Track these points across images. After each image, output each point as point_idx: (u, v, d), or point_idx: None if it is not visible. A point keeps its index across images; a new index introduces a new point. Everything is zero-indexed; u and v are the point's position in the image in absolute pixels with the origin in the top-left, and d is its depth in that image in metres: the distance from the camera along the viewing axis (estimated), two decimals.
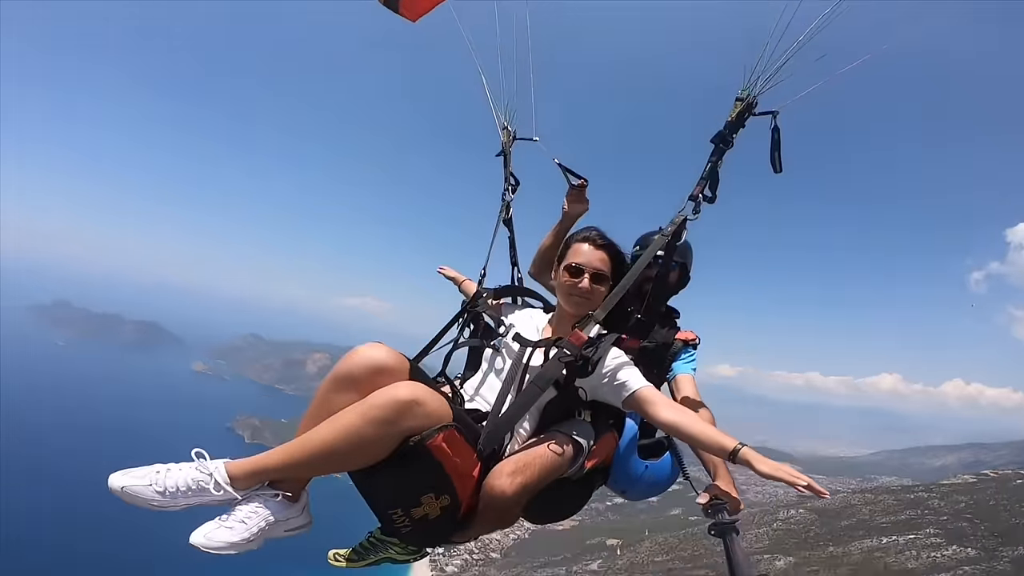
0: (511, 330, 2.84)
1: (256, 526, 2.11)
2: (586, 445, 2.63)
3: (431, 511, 2.19)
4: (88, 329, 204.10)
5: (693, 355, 3.44)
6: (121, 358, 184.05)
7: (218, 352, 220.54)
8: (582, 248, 2.77)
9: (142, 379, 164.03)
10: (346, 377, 2.21)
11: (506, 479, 2.23)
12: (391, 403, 2.03)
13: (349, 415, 2.07)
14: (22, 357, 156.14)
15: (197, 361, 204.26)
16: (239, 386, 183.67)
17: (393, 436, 2.07)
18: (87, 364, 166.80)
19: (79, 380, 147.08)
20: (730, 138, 2.78)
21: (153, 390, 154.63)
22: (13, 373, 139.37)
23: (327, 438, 2.08)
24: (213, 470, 2.10)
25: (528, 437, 2.60)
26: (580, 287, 2.67)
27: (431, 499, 2.17)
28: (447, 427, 2.12)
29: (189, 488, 2.06)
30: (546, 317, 3.00)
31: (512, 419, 2.39)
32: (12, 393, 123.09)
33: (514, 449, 2.50)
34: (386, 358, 2.23)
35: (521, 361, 2.60)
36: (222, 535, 2.04)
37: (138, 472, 2.08)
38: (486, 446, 2.29)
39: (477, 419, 2.46)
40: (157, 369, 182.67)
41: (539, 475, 2.32)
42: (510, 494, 2.21)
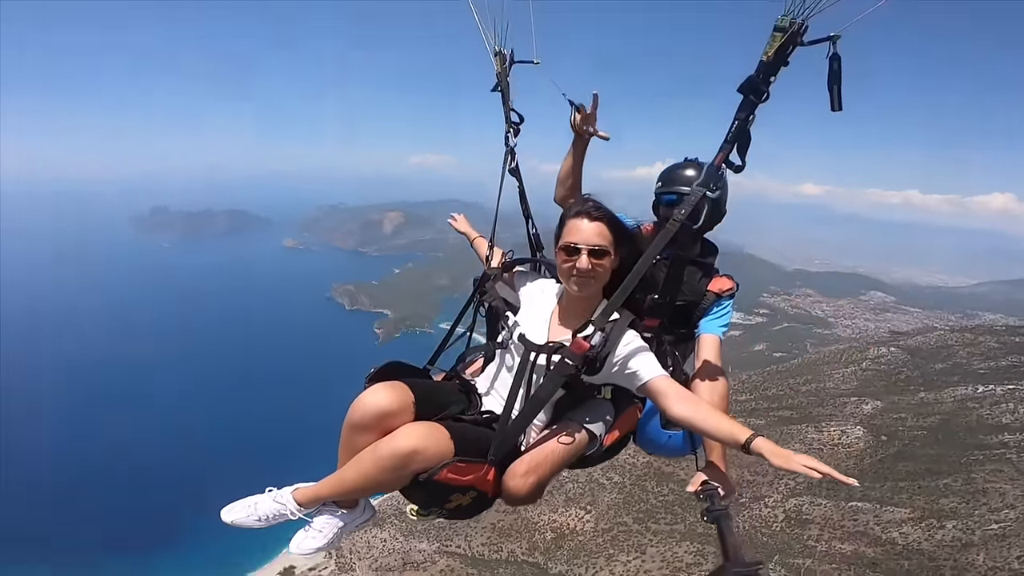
0: (516, 329, 2.76)
1: (331, 532, 2.69)
2: (600, 432, 2.76)
3: (462, 502, 2.49)
4: (186, 228, 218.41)
5: (726, 309, 3.19)
6: (220, 248, 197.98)
7: (302, 226, 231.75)
8: (576, 225, 2.60)
9: (243, 263, 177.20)
10: (358, 425, 2.45)
11: (520, 480, 2.48)
12: (395, 456, 2.27)
13: (366, 463, 2.37)
14: (136, 263, 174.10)
15: (287, 238, 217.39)
16: (328, 255, 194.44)
17: (404, 477, 2.34)
18: (194, 259, 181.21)
19: (190, 275, 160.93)
20: (764, 86, 2.25)
21: (256, 273, 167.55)
22: (131, 277, 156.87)
23: (355, 480, 2.44)
24: (286, 501, 2.64)
25: (543, 428, 2.73)
26: (579, 267, 2.54)
27: (459, 496, 2.45)
28: (449, 464, 2.33)
29: (276, 514, 2.66)
30: (556, 299, 2.84)
31: (521, 426, 2.54)
32: (136, 296, 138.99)
33: (529, 442, 2.66)
34: (388, 404, 2.43)
35: (527, 364, 2.61)
36: (308, 543, 2.65)
37: (238, 508, 2.68)
38: (497, 454, 2.48)
39: (491, 420, 2.65)
40: (254, 251, 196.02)
41: (552, 470, 2.56)
42: (524, 493, 2.48)
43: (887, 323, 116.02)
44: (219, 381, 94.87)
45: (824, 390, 57.90)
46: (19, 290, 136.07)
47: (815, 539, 37.20)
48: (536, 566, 40.97)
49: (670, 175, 3.21)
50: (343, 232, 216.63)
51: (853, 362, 62.32)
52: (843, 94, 2.21)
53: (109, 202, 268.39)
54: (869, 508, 37.94)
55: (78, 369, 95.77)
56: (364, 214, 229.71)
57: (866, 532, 36.46)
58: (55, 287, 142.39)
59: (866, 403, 50.75)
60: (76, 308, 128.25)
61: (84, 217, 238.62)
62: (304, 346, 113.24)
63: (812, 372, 63.23)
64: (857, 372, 60.00)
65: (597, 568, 39.54)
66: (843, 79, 2.19)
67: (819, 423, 48.95)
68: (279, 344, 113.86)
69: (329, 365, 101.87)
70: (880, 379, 57.66)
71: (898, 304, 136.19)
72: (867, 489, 39.70)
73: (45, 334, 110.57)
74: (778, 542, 37.65)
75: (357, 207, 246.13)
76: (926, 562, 33.20)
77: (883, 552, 34.85)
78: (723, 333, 3.14)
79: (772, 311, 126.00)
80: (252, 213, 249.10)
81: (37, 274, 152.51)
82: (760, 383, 64.06)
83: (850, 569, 34.28)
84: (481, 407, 2.80)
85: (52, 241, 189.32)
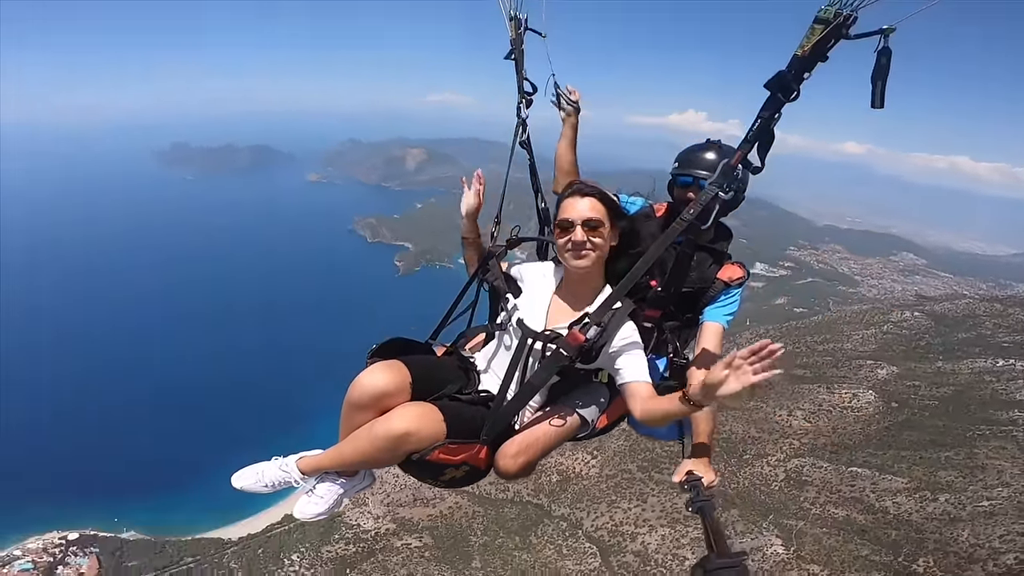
0: (515, 313, 2.78)
1: (331, 498, 2.86)
2: (591, 417, 2.81)
3: (456, 475, 2.58)
4: (209, 163, 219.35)
5: (734, 297, 3.15)
6: (244, 182, 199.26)
7: (325, 160, 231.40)
8: (569, 202, 2.66)
9: (267, 196, 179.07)
10: (357, 404, 2.53)
11: (510, 460, 2.56)
12: (389, 437, 2.37)
13: (363, 440, 2.47)
14: (159, 194, 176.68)
15: (310, 172, 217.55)
16: (351, 189, 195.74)
17: (398, 456, 2.45)
18: (217, 192, 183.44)
19: (214, 207, 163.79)
20: (796, 84, 2.08)
21: (279, 205, 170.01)
22: (154, 207, 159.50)
23: (352, 456, 2.57)
24: (291, 470, 2.81)
25: (537, 409, 2.81)
26: (574, 239, 2.57)
27: (452, 471, 2.54)
28: (440, 445, 2.42)
29: (281, 481, 2.83)
30: (556, 283, 2.85)
31: (514, 410, 2.61)
32: (160, 225, 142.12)
33: (523, 421, 2.75)
34: (385, 384, 2.50)
35: (523, 349, 2.65)
36: (311, 508, 2.82)
37: (246, 475, 2.84)
38: (490, 435, 2.55)
39: (487, 399, 2.71)
40: (278, 185, 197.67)
41: (542, 452, 2.64)
42: (513, 472, 2.56)
43: (915, 286, 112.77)
44: (241, 310, 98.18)
45: (841, 351, 57.18)
46: (46, 223, 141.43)
47: (811, 502, 37.89)
48: (540, 507, 42.82)
49: (688, 157, 3.13)
50: (366, 167, 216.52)
51: (874, 324, 61.12)
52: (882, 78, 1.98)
53: (130, 139, 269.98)
54: (868, 475, 38.37)
55: (100, 300, 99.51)
56: (387, 150, 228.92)
57: (861, 499, 36.99)
58: (79, 216, 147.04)
59: (882, 368, 50.17)
60: (99, 239, 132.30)
61: (108, 152, 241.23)
62: (325, 276, 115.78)
63: (831, 331, 62.27)
64: (877, 335, 58.91)
65: (598, 513, 41.17)
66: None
67: (831, 384, 48.66)
68: (301, 273, 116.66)
69: (351, 295, 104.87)
70: (900, 344, 56.53)
71: (929, 267, 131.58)
72: (869, 456, 40.00)
73: (71, 267, 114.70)
74: (775, 502, 38.53)
75: (380, 143, 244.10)
76: (912, 534, 33.65)
77: (873, 520, 35.38)
78: (727, 322, 3.11)
79: (797, 265, 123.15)
80: (275, 148, 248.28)
81: (62, 209, 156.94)
82: (776, 338, 60.94)
83: (839, 534, 34.99)
84: (479, 385, 2.87)
85: (77, 173, 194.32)
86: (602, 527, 40.35)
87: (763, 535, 36.01)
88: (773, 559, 34.47)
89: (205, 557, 43.79)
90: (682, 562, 35.94)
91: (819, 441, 42.68)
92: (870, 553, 33.27)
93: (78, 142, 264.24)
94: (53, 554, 43.62)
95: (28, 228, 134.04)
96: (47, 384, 70.93)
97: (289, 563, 40.88)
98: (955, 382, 46.32)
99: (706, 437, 2.88)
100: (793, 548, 34.78)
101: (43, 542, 44.87)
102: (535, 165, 3.55)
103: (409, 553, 40.19)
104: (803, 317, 78.96)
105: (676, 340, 3.25)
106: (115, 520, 48.06)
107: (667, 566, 36.70)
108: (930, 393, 45.59)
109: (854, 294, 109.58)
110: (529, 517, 42.20)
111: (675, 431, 3.26)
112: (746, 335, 65.28)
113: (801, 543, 34.98)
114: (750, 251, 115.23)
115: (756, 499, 38.81)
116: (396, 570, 38.99)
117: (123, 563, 43.25)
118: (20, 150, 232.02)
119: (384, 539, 41.22)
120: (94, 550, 44.23)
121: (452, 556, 40.00)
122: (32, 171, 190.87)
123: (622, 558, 38.12)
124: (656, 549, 37.74)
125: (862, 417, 44.22)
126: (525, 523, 41.94)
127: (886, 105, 2.03)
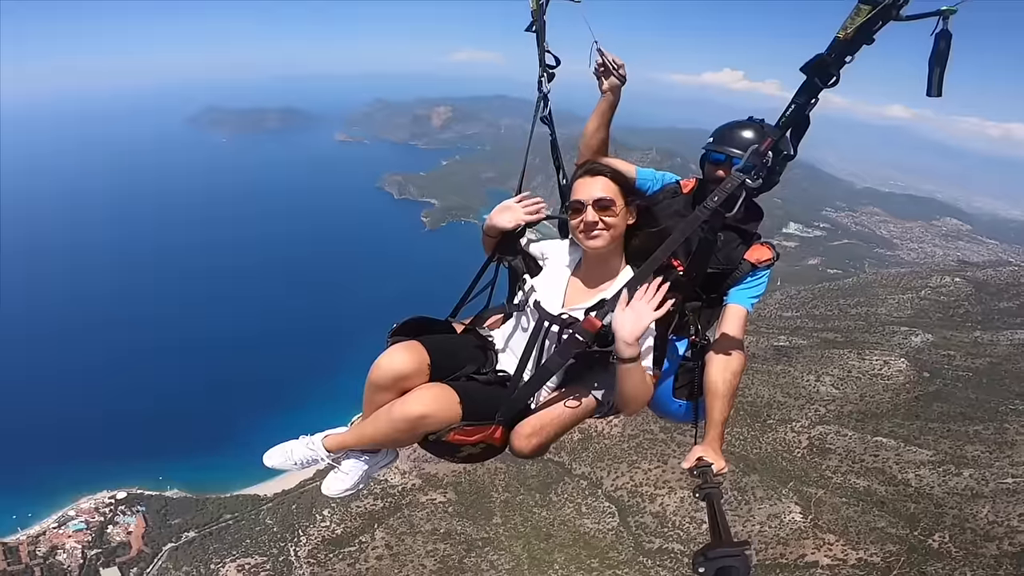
0: (532, 295, 2.81)
1: (356, 475, 2.92)
2: (607, 399, 2.79)
3: (473, 452, 2.66)
4: (241, 125, 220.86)
5: (762, 280, 3.06)
6: (275, 143, 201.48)
7: (353, 121, 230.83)
8: (579, 184, 2.67)
9: (298, 156, 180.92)
10: (377, 386, 2.63)
11: (524, 440, 2.58)
12: (406, 419, 2.46)
13: (382, 421, 2.58)
14: (195, 156, 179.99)
15: (338, 132, 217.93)
16: (379, 148, 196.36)
17: (415, 436, 2.56)
18: (252, 153, 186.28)
19: (251, 167, 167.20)
20: (836, 69, 1.87)
21: (311, 163, 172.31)
22: (191, 168, 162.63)
23: (373, 435, 2.70)
24: (317, 448, 2.91)
25: (554, 389, 2.80)
26: (586, 220, 2.58)
27: (469, 447, 2.61)
28: (455, 427, 2.48)
29: (309, 459, 2.93)
30: (575, 264, 2.87)
31: (530, 392, 2.65)
32: (196, 187, 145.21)
33: (539, 400, 2.75)
34: (403, 366, 2.59)
35: (540, 332, 2.69)
36: (337, 485, 2.90)
37: (276, 455, 2.97)
38: (505, 416, 2.59)
39: (504, 380, 2.76)
40: (308, 145, 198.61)
41: (556, 433, 2.65)
42: (528, 452, 2.59)
43: (957, 251, 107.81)
44: (275, 267, 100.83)
45: (874, 315, 55.80)
46: (88, 187, 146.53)
47: (833, 470, 37.73)
48: (561, 465, 43.57)
49: (724, 133, 3.01)
50: (393, 126, 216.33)
51: (912, 289, 59.17)
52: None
53: (162, 106, 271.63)
54: (893, 446, 37.85)
55: (143, 262, 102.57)
56: (413, 108, 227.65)
57: (883, 470, 36.63)
58: (122, 179, 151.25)
59: (916, 334, 48.70)
60: (142, 198, 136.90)
61: (143, 118, 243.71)
62: (356, 233, 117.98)
63: (865, 294, 60.69)
64: (913, 300, 57.12)
65: (619, 473, 41.76)
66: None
67: (863, 350, 47.49)
68: (332, 230, 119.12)
69: (382, 250, 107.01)
70: (937, 310, 54.80)
71: (973, 233, 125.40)
72: (895, 426, 39.37)
73: (114, 229, 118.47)
74: (796, 469, 38.47)
75: (406, 102, 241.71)
76: (932, 508, 33.32)
77: (894, 492, 35.09)
78: (752, 305, 3.04)
79: (833, 226, 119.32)
80: (303, 110, 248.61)
81: (103, 174, 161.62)
82: (808, 300, 61.90)
83: (858, 505, 34.87)
84: (496, 364, 2.91)
85: (117, 139, 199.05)
86: (622, 487, 40.94)
87: (782, 502, 36.18)
88: (790, 526, 34.75)
89: (243, 513, 46.27)
90: (699, 525, 36.34)
91: (845, 408, 42.09)
92: (887, 525, 33.24)
93: (111, 110, 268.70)
94: (104, 513, 46.36)
95: (71, 192, 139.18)
96: (96, 349, 73.88)
97: (320, 518, 42.81)
98: (992, 353, 44.82)
99: (719, 423, 2.83)
100: (811, 516, 34.93)
101: (95, 502, 47.62)
102: (557, 141, 3.47)
103: (433, 508, 41.72)
104: (837, 279, 76.61)
105: (698, 321, 3.16)
106: (159, 478, 50.76)
107: (684, 529, 37.33)
108: (965, 364, 44.26)
109: (892, 257, 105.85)
110: (550, 475, 42.96)
111: (690, 414, 3.17)
112: (776, 295, 64.12)
113: (819, 512, 35.09)
114: (783, 211, 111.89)
115: (777, 465, 38.80)
116: (421, 524, 40.62)
117: (167, 521, 45.91)
118: (51, 121, 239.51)
119: (410, 494, 42.76)
120: (141, 508, 46.93)
121: (474, 512, 41.39)
122: (68, 140, 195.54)
123: (640, 519, 38.82)
124: (675, 511, 38.31)
125: (892, 386, 43.23)
126: (546, 480, 42.77)
127: None
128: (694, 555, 1.82)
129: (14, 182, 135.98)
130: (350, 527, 41.36)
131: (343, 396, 51.62)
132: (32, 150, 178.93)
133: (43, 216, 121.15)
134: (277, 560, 40.57)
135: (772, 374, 45.77)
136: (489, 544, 39.24)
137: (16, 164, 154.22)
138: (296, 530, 42.67)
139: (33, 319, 79.80)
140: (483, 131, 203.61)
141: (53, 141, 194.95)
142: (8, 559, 41.12)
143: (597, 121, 3.47)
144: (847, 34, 1.82)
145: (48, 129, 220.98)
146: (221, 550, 42.58)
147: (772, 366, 46.74)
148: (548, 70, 3.30)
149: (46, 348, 72.63)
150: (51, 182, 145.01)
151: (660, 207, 3.22)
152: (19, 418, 58.05)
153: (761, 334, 50.94)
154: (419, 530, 40.19)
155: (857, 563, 31.77)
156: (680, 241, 2.38)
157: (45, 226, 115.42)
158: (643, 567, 36.02)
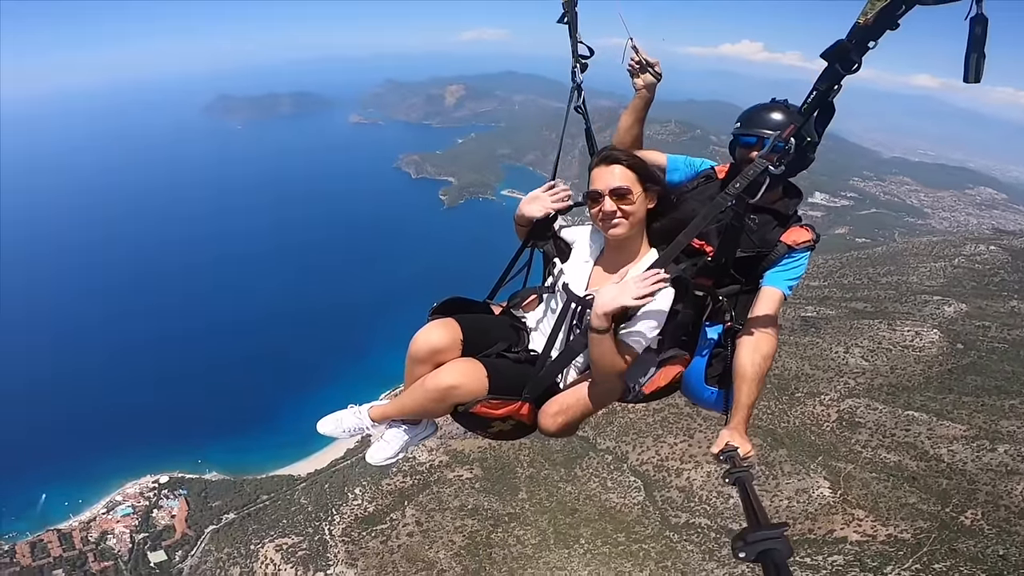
0: (560, 277, 2.95)
1: (398, 444, 3.19)
2: (633, 383, 2.91)
3: (503, 428, 2.83)
4: (254, 111, 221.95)
5: (800, 262, 2.99)
6: (290, 127, 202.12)
7: (366, 103, 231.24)
8: (596, 173, 2.74)
9: (313, 140, 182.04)
10: (415, 359, 2.86)
11: (550, 419, 2.72)
12: (437, 388, 2.66)
13: (418, 392, 2.79)
14: (215, 143, 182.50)
15: (352, 114, 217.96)
16: (394, 128, 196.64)
17: (446, 407, 2.74)
18: (267, 139, 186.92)
19: (267, 152, 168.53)
20: (858, 55, 1.83)
21: (327, 146, 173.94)
22: (208, 157, 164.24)
23: (411, 406, 2.93)
24: (363, 417, 3.20)
25: (582, 371, 2.90)
26: (604, 210, 2.67)
27: (499, 423, 2.79)
28: (482, 400, 2.66)
29: (357, 428, 3.22)
30: (600, 248, 2.98)
31: (556, 371, 2.79)
32: (213, 176, 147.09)
33: (568, 379, 2.90)
34: (438, 341, 2.81)
35: (567, 313, 2.81)
36: (380, 454, 3.19)
37: (329, 423, 3.23)
38: (531, 393, 2.74)
39: (533, 358, 2.88)
40: (322, 128, 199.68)
41: (582, 414, 2.74)
42: (553, 430, 2.73)
43: (992, 220, 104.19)
44: (297, 250, 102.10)
45: (905, 284, 54.21)
46: (108, 179, 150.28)
47: (863, 444, 37.13)
48: (585, 440, 43.61)
49: (752, 116, 3.00)
50: (406, 106, 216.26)
51: (944, 257, 57.14)
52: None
53: (177, 95, 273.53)
54: (925, 420, 37.06)
55: (170, 249, 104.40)
56: (425, 88, 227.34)
57: (915, 444, 35.95)
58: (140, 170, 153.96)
59: (949, 304, 47.17)
60: (162, 187, 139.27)
61: (158, 108, 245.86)
62: (376, 213, 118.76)
63: (896, 263, 58.94)
64: (946, 268, 55.20)
65: (644, 447, 41.69)
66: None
67: (893, 320, 46.29)
68: (352, 211, 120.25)
69: (403, 229, 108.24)
70: (971, 279, 52.96)
71: (1009, 202, 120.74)
72: (927, 400, 38.50)
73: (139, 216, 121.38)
74: (825, 443, 37.97)
75: (418, 82, 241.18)
76: (965, 484, 32.62)
77: (926, 468, 34.43)
78: (789, 288, 2.98)
79: (860, 195, 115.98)
80: (315, 93, 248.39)
81: (122, 168, 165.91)
82: (836, 269, 60.18)
83: (888, 480, 34.34)
84: (528, 343, 3.08)
85: (133, 130, 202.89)
86: (647, 461, 40.86)
87: (810, 477, 35.81)
88: (819, 502, 34.42)
89: (278, 494, 47.45)
90: (726, 500, 36.26)
91: (876, 381, 41.29)
92: (917, 501, 32.72)
93: (122, 104, 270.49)
94: (148, 498, 47.98)
95: (90, 189, 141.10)
96: (131, 339, 75.67)
97: (352, 496, 43.70)
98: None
99: (746, 407, 2.79)
100: (840, 492, 34.53)
101: (139, 486, 49.29)
102: (591, 130, 3.50)
103: (460, 484, 42.29)
104: (865, 248, 74.49)
105: (734, 307, 3.11)
106: (198, 461, 52.39)
107: (711, 503, 37.22)
108: (1000, 335, 42.86)
109: (923, 226, 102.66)
110: (575, 450, 43.04)
111: (721, 402, 3.10)
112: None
113: (849, 487, 34.67)
114: (808, 181, 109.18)
115: (806, 439, 38.37)
116: (449, 501, 41.19)
117: (208, 504, 47.33)
118: (57, 119, 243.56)
119: (438, 471, 43.35)
120: (183, 492, 48.49)
121: (500, 487, 41.86)
122: (79, 138, 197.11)
123: (666, 493, 38.81)
124: (701, 486, 38.18)
125: (924, 358, 42.15)
126: (570, 455, 42.92)
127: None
128: (732, 540, 1.82)
129: (14, 182, 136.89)
130: (381, 504, 42.16)
131: (374, 374, 52.72)
132: (35, 149, 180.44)
133: (64, 213, 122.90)
134: (312, 539, 41.54)
135: (800, 346, 45.02)
136: (515, 519, 39.67)
137: (17, 164, 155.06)
138: (330, 509, 43.59)
139: (67, 314, 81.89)
140: (496, 108, 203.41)
141: (61, 140, 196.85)
142: (63, 545, 42.80)
143: (631, 118, 3.49)
144: (867, 20, 1.74)
145: (54, 127, 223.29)
146: (260, 531, 43.73)
147: (800, 337, 45.94)
148: (581, 60, 3.34)
149: (88, 343, 74.83)
150: (66, 179, 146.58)
151: (695, 192, 3.26)
152: (65, 410, 60.20)
153: (788, 304, 49.04)
154: (447, 506, 40.78)
155: (887, 539, 31.36)
156: (702, 226, 2.34)
157: (69, 221, 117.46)
158: (669, 541, 36.07)
